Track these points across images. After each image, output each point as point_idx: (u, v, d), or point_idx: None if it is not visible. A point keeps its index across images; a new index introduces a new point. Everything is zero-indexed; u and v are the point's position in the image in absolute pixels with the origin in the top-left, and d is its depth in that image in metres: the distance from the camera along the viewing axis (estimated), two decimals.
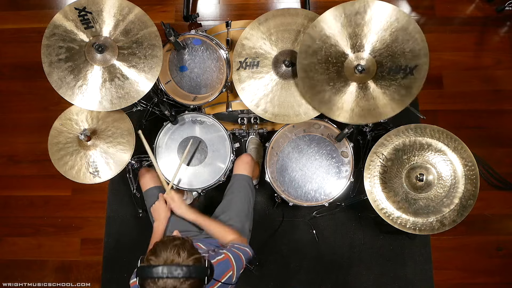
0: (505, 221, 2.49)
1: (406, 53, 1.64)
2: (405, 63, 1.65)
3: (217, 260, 1.46)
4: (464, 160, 1.77)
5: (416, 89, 1.65)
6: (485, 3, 2.74)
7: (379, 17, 1.64)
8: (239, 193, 1.94)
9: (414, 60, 1.64)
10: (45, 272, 2.57)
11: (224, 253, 1.51)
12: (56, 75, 1.75)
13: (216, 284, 1.44)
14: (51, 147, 1.94)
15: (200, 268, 1.26)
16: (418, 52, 1.63)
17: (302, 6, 2.80)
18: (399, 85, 1.67)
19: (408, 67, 1.65)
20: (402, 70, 1.66)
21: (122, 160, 1.90)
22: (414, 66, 1.64)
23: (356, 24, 1.67)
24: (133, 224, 2.54)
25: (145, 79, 1.76)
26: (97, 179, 1.90)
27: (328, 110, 1.76)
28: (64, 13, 1.75)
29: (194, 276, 1.23)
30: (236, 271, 1.49)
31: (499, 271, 2.43)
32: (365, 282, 2.40)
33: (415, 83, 1.65)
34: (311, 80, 1.74)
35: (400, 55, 1.65)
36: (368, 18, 1.65)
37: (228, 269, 1.47)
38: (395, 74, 1.67)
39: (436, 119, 2.60)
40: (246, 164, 2.02)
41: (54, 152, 1.93)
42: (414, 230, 1.77)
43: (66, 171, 1.91)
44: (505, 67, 2.66)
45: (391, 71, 1.67)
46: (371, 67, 1.68)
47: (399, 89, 1.67)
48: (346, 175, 2.11)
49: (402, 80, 1.66)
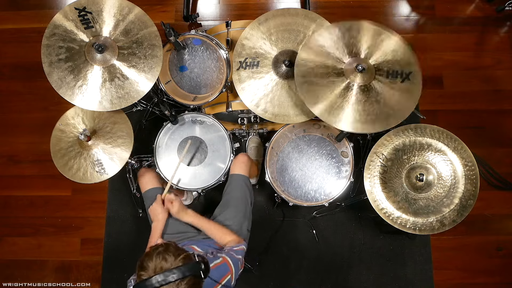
0: (505, 221, 2.49)
1: (399, 60, 1.71)
2: (400, 69, 1.71)
3: (215, 264, 1.46)
4: (464, 160, 1.78)
5: (417, 92, 1.70)
6: (485, 3, 2.74)
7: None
8: (236, 193, 1.93)
9: (408, 67, 1.71)
10: (45, 272, 2.57)
11: (222, 257, 1.51)
12: (56, 75, 1.74)
13: (217, 286, 1.44)
14: (54, 154, 1.94)
15: (192, 265, 1.24)
16: (408, 60, 1.71)
17: (302, 6, 2.80)
18: (400, 89, 1.70)
19: (404, 73, 1.71)
20: (399, 74, 1.71)
21: (124, 154, 1.91)
22: (409, 72, 1.70)
23: (350, 37, 1.77)
24: (133, 224, 2.54)
25: (145, 79, 1.76)
26: (105, 176, 1.90)
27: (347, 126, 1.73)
28: (64, 13, 1.75)
29: (188, 274, 1.21)
30: (234, 274, 1.49)
31: (499, 271, 2.43)
32: (365, 282, 2.40)
33: (414, 87, 1.70)
34: (314, 90, 1.75)
35: (395, 62, 1.72)
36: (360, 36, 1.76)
37: (226, 272, 1.47)
38: (394, 78, 1.71)
39: (436, 119, 2.60)
40: (242, 163, 2.01)
41: (58, 159, 1.93)
42: (414, 230, 1.77)
43: (73, 174, 1.91)
44: (505, 67, 2.66)
45: (389, 75, 1.71)
46: (370, 67, 1.69)
47: (401, 92, 1.70)
48: (346, 175, 2.11)
49: (402, 84, 1.70)
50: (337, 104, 1.70)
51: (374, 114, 1.70)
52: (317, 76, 1.73)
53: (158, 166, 2.03)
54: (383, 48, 1.75)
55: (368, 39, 1.76)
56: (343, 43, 1.75)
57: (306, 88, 1.72)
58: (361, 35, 1.76)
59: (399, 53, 1.74)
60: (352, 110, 1.70)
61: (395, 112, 1.70)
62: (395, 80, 1.70)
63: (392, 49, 1.74)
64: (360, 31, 1.76)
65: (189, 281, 1.21)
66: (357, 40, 1.75)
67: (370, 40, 1.76)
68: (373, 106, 1.70)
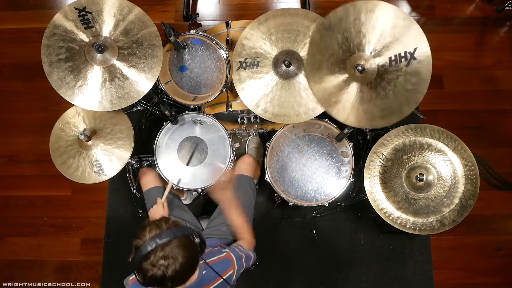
0: (505, 221, 2.50)
1: (401, 39, 1.61)
2: (403, 49, 1.61)
3: (218, 258, 1.47)
4: (464, 160, 1.77)
5: (426, 72, 1.59)
6: (485, 3, 2.74)
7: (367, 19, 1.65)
8: (241, 195, 1.93)
9: (411, 43, 1.60)
10: (45, 272, 2.57)
11: (226, 251, 1.51)
12: (56, 75, 1.74)
13: (218, 279, 1.44)
14: (53, 152, 1.94)
15: (182, 227, 1.29)
16: (411, 34, 1.59)
17: (302, 6, 2.80)
18: (406, 74, 1.62)
19: (408, 52, 1.60)
20: (403, 57, 1.61)
21: (124, 156, 1.91)
22: (414, 49, 1.60)
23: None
24: (133, 224, 2.53)
25: (145, 79, 1.76)
26: (103, 177, 1.91)
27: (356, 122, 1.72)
28: (64, 13, 1.75)
29: (180, 234, 1.24)
30: (236, 271, 1.49)
31: (499, 271, 2.43)
32: (365, 282, 2.40)
33: (422, 67, 1.59)
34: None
35: (395, 43, 1.62)
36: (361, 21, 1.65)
37: (229, 267, 1.48)
38: (398, 63, 1.63)
39: (436, 119, 2.60)
40: (248, 165, 2.02)
41: (57, 157, 1.93)
42: (414, 230, 1.77)
43: (72, 174, 1.92)
44: (505, 67, 2.66)
45: (392, 62, 1.64)
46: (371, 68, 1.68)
47: (409, 77, 1.61)
48: (346, 175, 2.11)
49: (407, 68, 1.62)
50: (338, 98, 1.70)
51: (382, 110, 1.66)
52: (327, 62, 1.71)
53: (158, 166, 2.03)
54: (379, 28, 1.64)
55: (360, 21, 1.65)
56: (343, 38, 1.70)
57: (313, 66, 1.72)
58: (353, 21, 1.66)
59: (398, 27, 1.60)
60: (359, 109, 1.68)
61: (407, 99, 1.63)
62: (399, 66, 1.61)
63: (391, 26, 1.62)
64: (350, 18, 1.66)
65: (180, 240, 1.24)
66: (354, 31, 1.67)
67: (365, 23, 1.65)
68: (382, 101, 1.66)
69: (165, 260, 1.20)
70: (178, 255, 1.21)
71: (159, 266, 1.20)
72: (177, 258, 1.21)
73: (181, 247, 1.23)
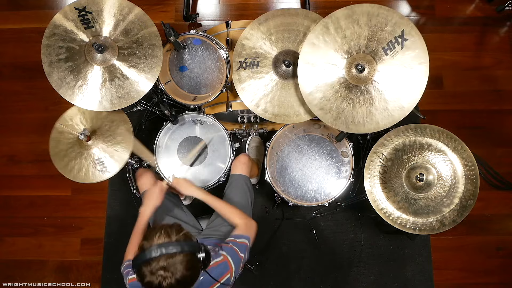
0: (505, 221, 2.49)
1: (385, 29, 1.63)
2: (392, 36, 1.63)
3: (215, 262, 1.47)
4: (464, 160, 1.77)
5: (422, 49, 1.60)
6: (485, 3, 2.74)
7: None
8: (236, 193, 1.93)
9: (397, 27, 1.62)
10: (45, 272, 2.57)
11: (223, 255, 1.51)
12: (56, 75, 1.74)
13: (216, 284, 1.45)
14: (55, 156, 1.93)
15: (192, 243, 1.28)
16: (393, 19, 1.62)
17: (302, 6, 2.80)
18: (404, 57, 1.63)
19: (397, 37, 1.62)
20: (395, 42, 1.63)
21: (124, 154, 1.91)
22: (401, 31, 1.61)
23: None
24: (133, 224, 2.51)
25: (145, 79, 1.76)
26: (107, 174, 1.90)
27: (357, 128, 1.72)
28: (64, 13, 1.76)
29: (187, 250, 1.24)
30: (234, 273, 1.49)
31: (499, 271, 2.43)
32: (365, 282, 2.40)
33: (416, 44, 1.61)
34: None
35: (382, 33, 1.64)
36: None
37: (226, 271, 1.48)
38: (392, 49, 1.64)
39: (436, 119, 2.59)
40: (243, 164, 2.01)
41: (58, 160, 1.93)
42: (414, 230, 1.77)
43: (75, 175, 1.91)
44: (505, 67, 2.66)
45: (386, 50, 1.65)
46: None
47: (407, 61, 1.63)
48: (346, 175, 2.11)
49: (402, 50, 1.63)
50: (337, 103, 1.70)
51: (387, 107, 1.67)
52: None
53: (158, 166, 2.03)
54: (362, 23, 1.65)
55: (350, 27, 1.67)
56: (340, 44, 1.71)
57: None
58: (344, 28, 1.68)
59: (380, 16, 1.62)
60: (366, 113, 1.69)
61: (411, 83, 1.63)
62: (394, 51, 1.62)
63: (368, 12, 1.63)
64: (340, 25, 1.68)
65: (185, 256, 1.24)
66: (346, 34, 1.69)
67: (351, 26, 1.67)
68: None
69: (164, 272, 1.21)
70: (177, 271, 1.22)
71: (157, 275, 1.20)
72: (175, 274, 1.22)
73: (184, 265, 1.23)
